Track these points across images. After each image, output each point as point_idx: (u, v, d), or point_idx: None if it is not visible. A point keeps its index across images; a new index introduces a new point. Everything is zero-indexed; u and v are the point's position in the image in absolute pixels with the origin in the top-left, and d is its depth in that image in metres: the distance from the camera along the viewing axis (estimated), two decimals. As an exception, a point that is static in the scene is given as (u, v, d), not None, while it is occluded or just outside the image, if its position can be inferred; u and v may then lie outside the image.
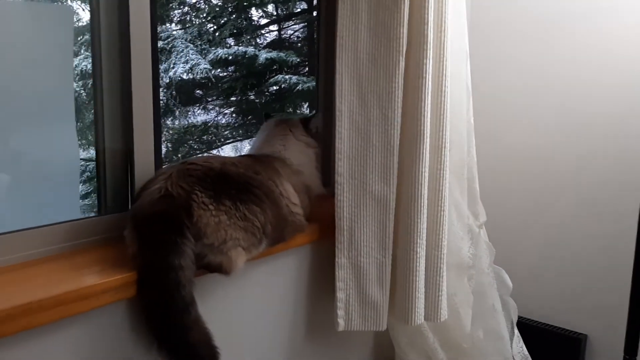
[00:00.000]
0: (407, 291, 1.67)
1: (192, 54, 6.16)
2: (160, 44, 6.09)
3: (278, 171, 1.58)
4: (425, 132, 1.60)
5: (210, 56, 6.18)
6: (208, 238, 1.25)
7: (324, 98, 2.00)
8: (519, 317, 2.08)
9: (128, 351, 1.27)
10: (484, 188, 1.89)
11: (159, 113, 1.79)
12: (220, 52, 6.21)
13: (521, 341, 1.97)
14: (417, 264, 1.66)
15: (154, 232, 1.21)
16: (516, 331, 1.98)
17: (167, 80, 6.17)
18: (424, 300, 1.71)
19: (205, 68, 6.16)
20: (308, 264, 1.72)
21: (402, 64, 1.56)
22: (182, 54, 6.15)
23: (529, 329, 2.28)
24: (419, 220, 1.64)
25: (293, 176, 1.64)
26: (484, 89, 2.30)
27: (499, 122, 2.40)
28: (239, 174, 1.40)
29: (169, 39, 6.15)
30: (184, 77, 6.19)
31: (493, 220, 2.05)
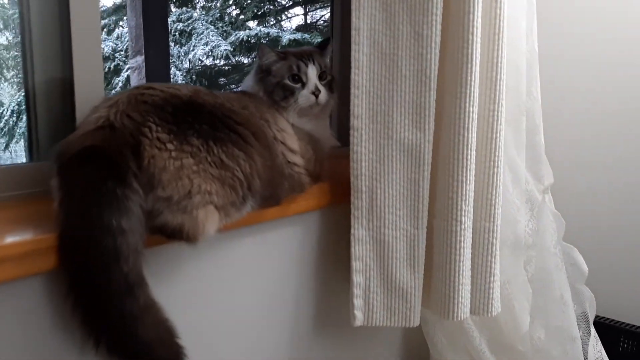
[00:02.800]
0: (447, 275, 1.25)
1: (212, 36, 5.84)
2: (180, 25, 5.79)
3: (273, 108, 1.19)
4: (474, 55, 1.17)
5: (232, 38, 5.85)
6: (164, 189, 0.89)
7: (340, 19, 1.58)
8: (595, 317, 1.60)
9: (52, 349, 0.89)
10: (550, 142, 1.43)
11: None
12: (242, 33, 5.87)
13: (599, 343, 1.51)
14: (462, 238, 1.23)
15: (82, 177, 0.85)
16: (592, 330, 1.52)
17: (187, 65, 5.86)
18: (470, 288, 1.28)
19: (225, 50, 5.82)
20: (315, 237, 1.30)
21: (442, -40, 1.14)
22: (202, 35, 5.83)
23: (606, 331, 1.78)
24: (464, 180, 1.21)
25: None
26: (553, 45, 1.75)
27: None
28: (216, 105, 1.02)
29: (190, 21, 5.84)
30: (205, 61, 5.87)
31: (561, 183, 1.56)
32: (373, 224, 1.24)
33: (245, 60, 5.98)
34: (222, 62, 6.03)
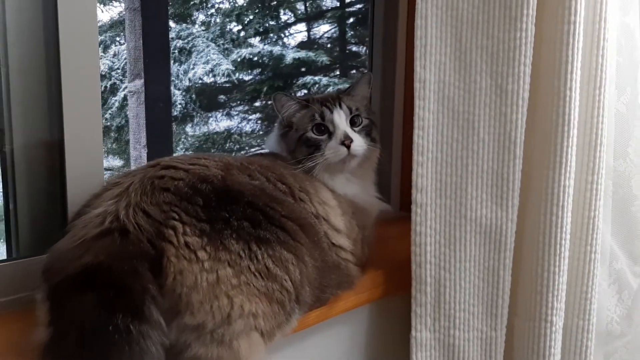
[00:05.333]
0: (532, 388, 0.99)
1: (213, 54, 5.63)
2: (179, 43, 5.58)
3: (308, 175, 0.96)
4: (571, 116, 0.93)
5: (233, 56, 5.64)
6: (194, 314, 0.67)
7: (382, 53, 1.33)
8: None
9: None
10: None
11: (170, 113, 1.39)
12: (244, 51, 5.66)
13: None
14: (552, 342, 0.98)
15: (81, 311, 0.63)
16: None
17: (187, 83, 5.63)
18: (558, 402, 1.03)
19: (227, 69, 5.61)
20: (363, 340, 1.05)
21: (533, -2, 0.90)
22: (202, 53, 5.62)
23: None
24: (556, 270, 0.96)
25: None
26: None
27: None
28: (255, 192, 0.78)
29: (189, 38, 5.63)
30: (206, 80, 5.66)
31: None
32: (440, 324, 0.99)
33: (247, 78, 5.77)
34: (222, 80, 5.81)
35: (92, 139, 0.89)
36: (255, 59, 5.83)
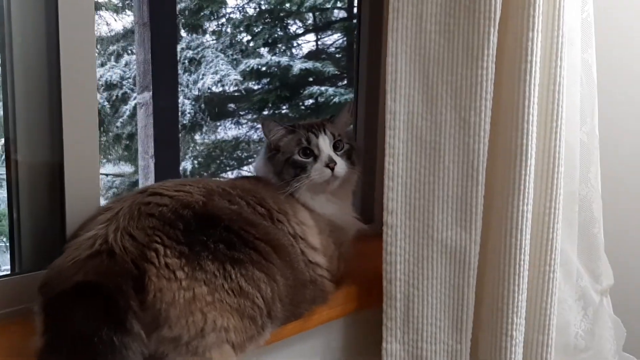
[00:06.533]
0: (494, 397, 1.07)
1: (222, 65, 5.73)
2: (189, 53, 5.69)
3: (292, 198, 1.04)
4: (529, 147, 1.01)
5: (242, 66, 5.74)
6: (172, 328, 0.76)
7: (366, 83, 1.42)
8: None
9: None
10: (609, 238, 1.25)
11: (177, 124, 1.40)
12: (252, 62, 5.75)
13: None
14: (513, 355, 1.06)
15: (72, 324, 0.71)
16: None
17: (196, 93, 5.74)
18: (520, 411, 1.10)
19: (235, 79, 5.70)
20: (337, 352, 1.13)
21: (493, 38, 0.98)
22: (211, 64, 5.72)
23: None
24: (516, 288, 1.04)
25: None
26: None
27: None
28: (232, 216, 0.86)
29: (199, 49, 5.73)
30: (214, 89, 5.75)
31: (622, 286, 1.36)
32: (409, 337, 1.07)
33: (255, 87, 5.86)
34: (231, 89, 5.91)
35: (89, 162, 0.97)
36: (264, 69, 5.92)
